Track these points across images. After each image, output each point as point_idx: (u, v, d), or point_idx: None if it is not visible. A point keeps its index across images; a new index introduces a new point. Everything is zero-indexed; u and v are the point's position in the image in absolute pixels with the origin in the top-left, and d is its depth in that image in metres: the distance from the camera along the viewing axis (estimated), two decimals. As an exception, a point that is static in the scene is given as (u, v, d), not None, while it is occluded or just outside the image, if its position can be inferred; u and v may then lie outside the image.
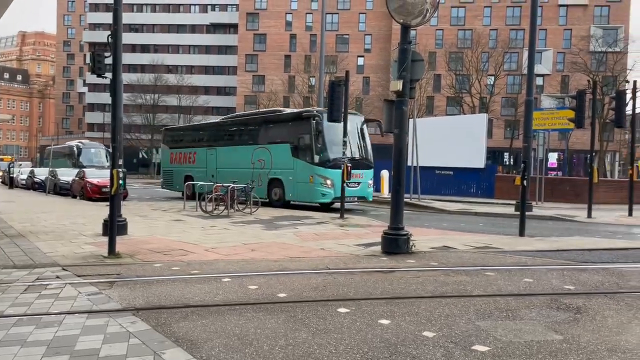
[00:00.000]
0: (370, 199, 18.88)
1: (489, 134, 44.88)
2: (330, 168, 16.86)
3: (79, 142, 41.69)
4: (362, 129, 18.67)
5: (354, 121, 17.76)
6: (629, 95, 19.52)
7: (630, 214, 17.31)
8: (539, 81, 54.67)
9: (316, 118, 16.97)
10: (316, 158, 17.12)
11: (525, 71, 18.24)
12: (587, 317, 4.88)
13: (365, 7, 62.17)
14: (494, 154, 52.18)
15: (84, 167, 30.71)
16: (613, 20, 55.64)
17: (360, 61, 62.55)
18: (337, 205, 15.87)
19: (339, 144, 15.68)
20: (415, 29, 55.67)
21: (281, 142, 18.70)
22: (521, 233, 11.06)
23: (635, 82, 19.64)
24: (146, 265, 7.39)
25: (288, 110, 22.38)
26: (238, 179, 17.78)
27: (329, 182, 16.92)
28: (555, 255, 8.65)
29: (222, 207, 15.44)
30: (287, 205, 18.40)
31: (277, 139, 19.00)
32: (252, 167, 19.61)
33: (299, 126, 17.81)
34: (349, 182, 15.86)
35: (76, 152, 38.13)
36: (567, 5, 57.04)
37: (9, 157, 59.60)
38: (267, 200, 18.95)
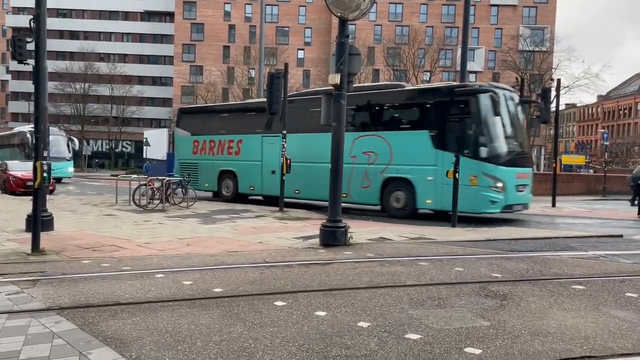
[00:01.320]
0: (529, 207, 14.37)
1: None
2: (503, 165, 12.65)
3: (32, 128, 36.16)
4: (518, 111, 13.83)
5: (508, 99, 13.29)
6: (553, 93, 20.58)
7: (553, 205, 18.36)
8: (471, 78, 56.56)
9: (490, 95, 12.25)
10: (483, 151, 12.50)
11: (459, 68, 18.81)
12: (513, 303, 5.11)
13: (305, 0, 62.11)
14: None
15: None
16: (540, 20, 58.57)
17: (301, 54, 62.52)
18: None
19: (510, 133, 12.88)
20: (354, 24, 56.27)
21: (412, 128, 13.85)
22: (453, 224, 11.43)
23: (559, 80, 20.84)
24: (73, 262, 7.07)
25: (428, 85, 18.37)
26: (322, 177, 12.24)
27: (500, 184, 12.49)
28: (485, 245, 9.01)
29: (157, 201, 15.01)
30: (415, 215, 13.73)
31: (404, 124, 14.15)
32: (352, 161, 14.42)
33: (452, 106, 13.01)
34: (518, 185, 12.99)
35: (29, 140, 29.67)
36: (498, 5, 59.47)
37: None
38: (380, 207, 14.48)
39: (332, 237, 8.51)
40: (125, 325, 4.35)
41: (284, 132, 14.63)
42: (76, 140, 32.26)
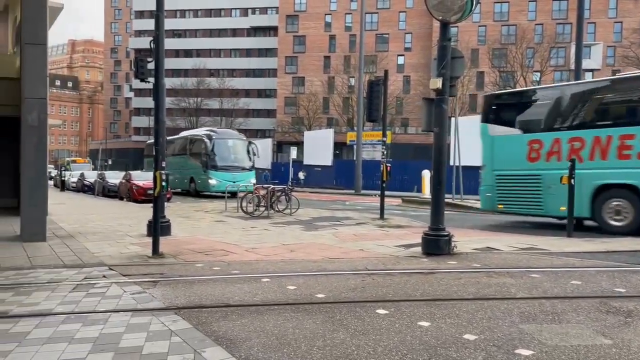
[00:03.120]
0: None
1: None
2: None
3: (210, 130, 28.71)
4: None
5: None
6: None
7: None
8: (588, 77, 52.73)
9: None
10: None
11: (573, 66, 17.65)
12: (639, 320, 4.66)
13: (405, 5, 61.66)
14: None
15: (219, 168, 25.37)
16: (668, 10, 53.14)
17: (401, 60, 62.07)
18: (368, 203, 15.73)
19: None
20: (456, 26, 55.01)
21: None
22: (569, 234, 10.68)
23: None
24: (188, 265, 7.55)
25: None
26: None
27: None
28: (605, 257, 8.31)
29: (262, 208, 15.61)
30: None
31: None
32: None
33: None
34: None
35: (208, 145, 25.61)
36: (617, -3, 54.90)
37: (82, 159, 61.40)
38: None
39: (435, 245, 8.32)
40: (235, 326, 4.56)
41: (384, 139, 14.58)
42: (257, 145, 27.97)
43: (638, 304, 5.22)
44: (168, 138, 36.13)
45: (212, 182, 25.25)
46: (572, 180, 10.54)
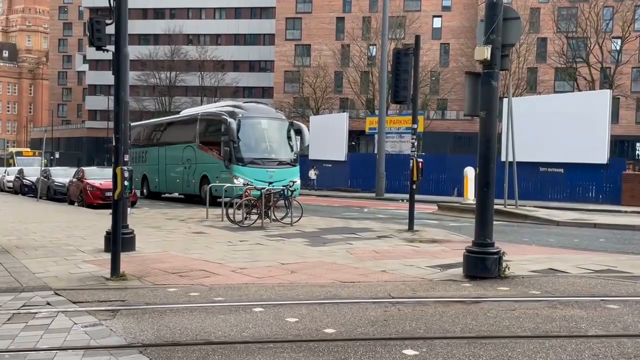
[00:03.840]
0: None
1: (614, 117, 43.60)
2: None
3: (232, 105, 25.23)
4: None
5: None
6: None
7: None
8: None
9: None
10: None
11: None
12: None
13: (443, -49, 61.62)
14: (621, 145, 50.55)
15: (248, 162, 22.44)
16: None
17: (437, 23, 62.02)
18: (398, 213, 15.72)
19: None
20: (511, -22, 54.73)
21: None
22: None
23: None
24: (158, 289, 7.58)
25: None
26: None
27: None
28: None
29: (254, 216, 15.65)
30: None
31: None
32: None
33: None
34: None
35: (233, 128, 22.27)
36: None
37: (30, 151, 61.21)
38: None
39: (481, 266, 8.29)
40: (217, 370, 4.58)
41: (415, 126, 14.59)
42: (304, 129, 24.92)
43: None
44: (161, 120, 33.95)
45: (239, 182, 21.28)
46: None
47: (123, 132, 8.88)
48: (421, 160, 14.67)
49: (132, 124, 34.99)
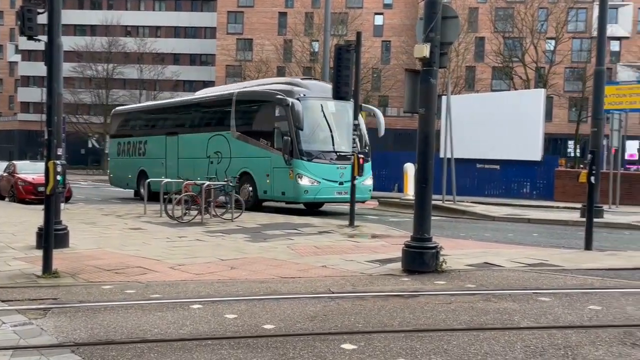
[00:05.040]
0: None
1: (548, 116, 44.90)
2: None
3: (288, 82, 20.47)
4: None
5: None
6: None
7: None
8: (613, 46, 54.48)
9: None
10: None
11: (595, 33, 18.18)
12: (672, 356, 4.86)
13: (384, -51, 62.18)
14: (554, 143, 52.13)
15: (315, 156, 18.01)
16: None
17: (379, 20, 62.57)
18: (339, 209, 15.80)
19: None
20: (450, -23, 55.52)
21: None
22: (587, 246, 11.02)
23: None
24: (92, 287, 7.41)
25: None
26: None
27: None
28: (632, 275, 8.62)
29: (194, 212, 15.47)
30: None
31: None
32: None
33: None
34: None
35: (296, 111, 17.44)
36: (651, -54, 56.83)
37: None
38: None
39: (419, 260, 8.42)
40: (152, 368, 4.51)
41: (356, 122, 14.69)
42: (379, 114, 20.46)
43: (671, 335, 5.43)
44: (168, 102, 28.94)
45: (304, 182, 17.41)
46: (593, 178, 10.92)
47: (56, 125, 8.62)
48: (362, 156, 14.77)
49: (120, 107, 31.37)
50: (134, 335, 5.34)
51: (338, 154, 18.19)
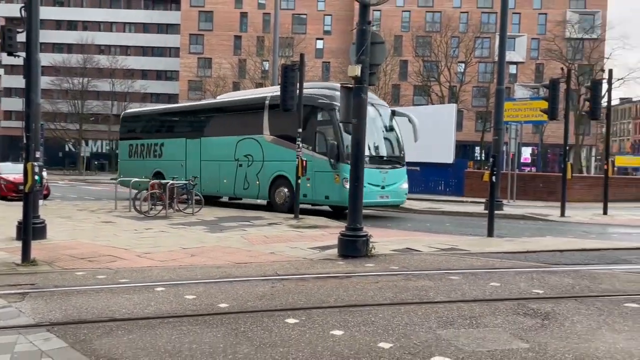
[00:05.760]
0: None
1: (459, 126, 45.86)
2: None
3: (328, 86, 17.74)
4: None
5: None
6: (605, 86, 20.19)
7: (605, 213, 18.00)
8: (511, 69, 56.18)
9: None
10: None
11: (497, 58, 18.65)
12: (556, 323, 5.02)
13: (324, -15, 62.33)
14: (464, 148, 53.28)
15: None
16: (590, 4, 57.67)
17: (320, 44, 62.65)
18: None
19: None
20: (379, 9, 56.25)
21: None
22: (490, 233, 11.32)
23: (611, 71, 20.42)
24: (66, 273, 7.17)
25: None
26: None
27: None
28: (525, 257, 8.89)
29: (159, 207, 15.16)
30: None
31: None
32: None
33: None
34: None
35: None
36: (542, -12, 58.81)
37: None
38: None
39: (352, 247, 8.48)
40: (120, 343, 4.39)
41: (299, 130, 14.64)
42: (414, 119, 17.52)
43: (555, 306, 5.62)
44: (207, 102, 24.53)
45: None
46: (494, 178, 11.22)
47: (34, 131, 8.29)
48: (305, 159, 14.75)
49: (131, 110, 27.36)
50: (104, 315, 5.19)
51: (380, 158, 16.23)
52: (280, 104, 14.48)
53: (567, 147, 18.53)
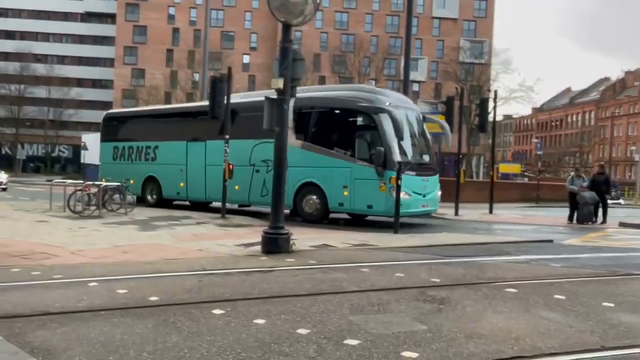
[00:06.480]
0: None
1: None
2: None
3: (363, 89, 16.19)
4: None
5: None
6: (491, 104, 21.40)
7: (491, 212, 19.04)
8: (415, 87, 58.05)
9: None
10: None
11: (402, 77, 19.26)
12: (450, 307, 5.23)
13: (251, 5, 61.96)
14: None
15: (404, 168, 12.41)
16: (479, 34, 60.94)
17: (246, 59, 62.21)
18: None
19: None
20: (300, 30, 56.50)
21: None
22: (396, 230, 11.63)
23: (496, 91, 21.72)
24: (1, 270, 6.65)
25: None
26: None
27: None
28: (425, 251, 9.21)
29: (93, 207, 14.46)
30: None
31: None
32: None
33: None
34: None
35: (397, 116, 13.48)
36: (439, 18, 61.49)
37: None
38: None
39: (274, 244, 8.44)
40: (54, 335, 4.14)
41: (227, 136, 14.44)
42: (445, 124, 16.17)
43: (449, 292, 5.86)
44: (186, 106, 21.72)
45: (405, 196, 12.44)
46: (399, 182, 11.54)
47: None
48: (232, 163, 14.56)
49: (116, 111, 25.07)
50: (38, 309, 4.88)
51: (422, 165, 14.19)
52: (209, 112, 14.22)
53: (461, 156, 19.41)
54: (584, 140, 76.52)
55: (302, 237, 10.02)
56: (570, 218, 16.25)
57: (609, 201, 18.25)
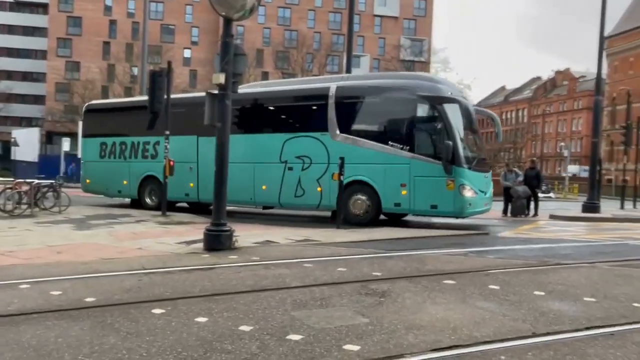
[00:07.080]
0: None
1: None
2: None
3: (416, 75, 16.96)
4: None
5: None
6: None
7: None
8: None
9: None
10: None
11: (345, 73, 19.44)
12: (390, 299, 5.34)
13: (192, -1, 60.62)
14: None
15: (474, 165, 12.38)
16: (419, 33, 62.37)
17: (187, 53, 60.87)
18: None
19: None
20: (242, 25, 55.81)
21: None
22: (338, 226, 11.73)
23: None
24: None
25: None
26: None
27: None
28: (368, 245, 9.35)
29: (24, 206, 13.74)
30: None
31: None
32: None
33: None
34: None
35: (467, 106, 12.91)
36: (380, 16, 62.48)
37: None
38: None
39: (217, 241, 8.33)
40: (-21, 343, 3.91)
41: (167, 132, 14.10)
42: (497, 118, 15.51)
43: (391, 285, 5.98)
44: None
45: (468, 194, 11.90)
46: (341, 177, 11.64)
47: None
48: (172, 160, 14.23)
49: (100, 102, 22.50)
50: (-39, 316, 4.60)
51: (484, 161, 13.53)
52: (149, 107, 13.84)
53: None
54: (518, 136, 79.95)
55: (245, 234, 9.95)
56: (505, 211, 16.98)
57: (540, 195, 19.16)
